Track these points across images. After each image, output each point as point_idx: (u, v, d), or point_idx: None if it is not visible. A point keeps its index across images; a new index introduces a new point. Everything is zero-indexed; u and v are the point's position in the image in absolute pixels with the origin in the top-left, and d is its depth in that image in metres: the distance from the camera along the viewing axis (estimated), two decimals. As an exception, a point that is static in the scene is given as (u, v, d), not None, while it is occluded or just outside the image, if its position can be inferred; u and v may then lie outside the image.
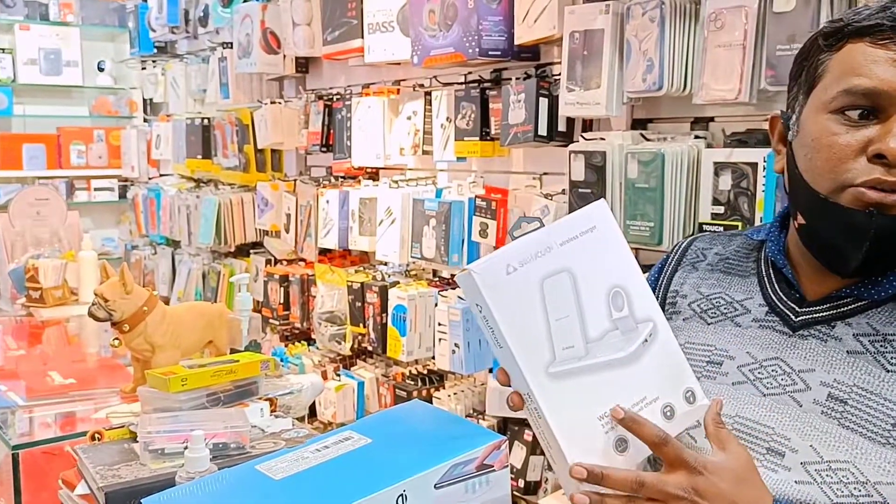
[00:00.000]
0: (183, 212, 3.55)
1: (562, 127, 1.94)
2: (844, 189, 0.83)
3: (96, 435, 1.39)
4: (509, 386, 0.78)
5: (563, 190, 1.90)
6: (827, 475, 0.83)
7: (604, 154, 1.74)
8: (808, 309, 0.91)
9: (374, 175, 2.75)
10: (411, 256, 2.40)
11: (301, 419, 1.63)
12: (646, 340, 0.79)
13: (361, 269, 2.67)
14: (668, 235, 1.64)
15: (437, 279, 2.48)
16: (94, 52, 4.55)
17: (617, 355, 0.77)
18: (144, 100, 4.36)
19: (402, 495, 0.77)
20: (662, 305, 1.06)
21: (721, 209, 1.58)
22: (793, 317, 0.91)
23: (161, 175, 4.04)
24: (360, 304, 2.53)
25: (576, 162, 1.80)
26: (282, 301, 2.95)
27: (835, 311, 0.89)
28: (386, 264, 2.62)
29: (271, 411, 1.51)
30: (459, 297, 2.21)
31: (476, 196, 2.20)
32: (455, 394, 2.31)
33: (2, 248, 2.72)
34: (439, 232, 2.28)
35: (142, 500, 0.76)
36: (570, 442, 0.73)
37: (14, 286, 2.58)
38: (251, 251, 3.30)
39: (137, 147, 4.12)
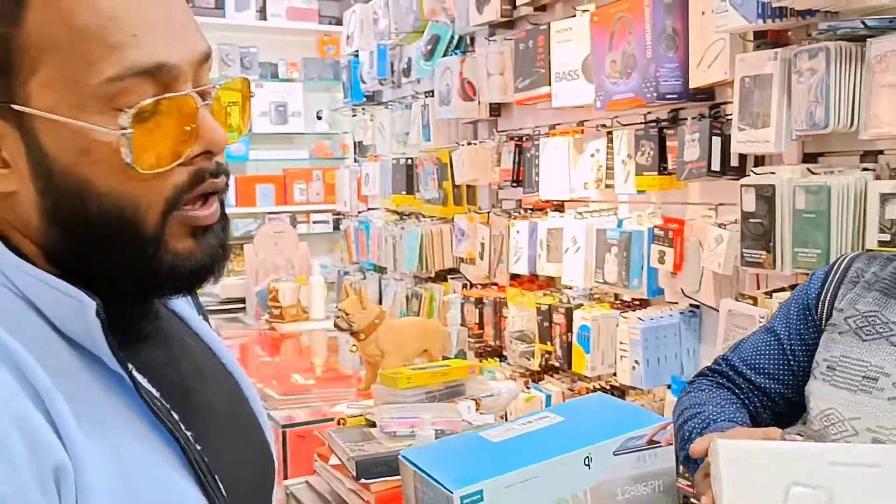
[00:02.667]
0: (389, 241, 4.00)
1: (734, 162, 2.11)
2: None
3: (341, 421, 1.75)
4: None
5: (736, 220, 2.07)
6: None
7: (773, 187, 1.90)
8: None
9: (559, 207, 3.01)
10: (595, 281, 2.63)
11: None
12: None
13: (549, 292, 2.93)
14: (835, 261, 1.77)
15: (618, 302, 2.69)
16: (314, 103, 5.21)
17: None
18: (355, 143, 4.91)
19: (588, 457, 1.02)
20: (826, 318, 1.19)
21: (887, 237, 1.69)
22: None
23: (369, 209, 4.54)
24: (547, 324, 2.80)
25: (747, 195, 1.97)
26: (477, 321, 3.27)
27: None
28: (571, 288, 2.87)
29: (476, 409, 1.81)
30: (639, 318, 2.41)
31: (654, 226, 2.40)
32: (636, 408, 2.50)
33: (248, 272, 3.26)
34: (620, 259, 2.50)
35: (402, 453, 1.07)
36: None
37: (258, 305, 3.10)
38: (449, 276, 3.66)
39: (349, 185, 4.65)
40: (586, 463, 1.02)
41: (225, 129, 0.68)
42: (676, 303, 2.44)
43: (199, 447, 0.70)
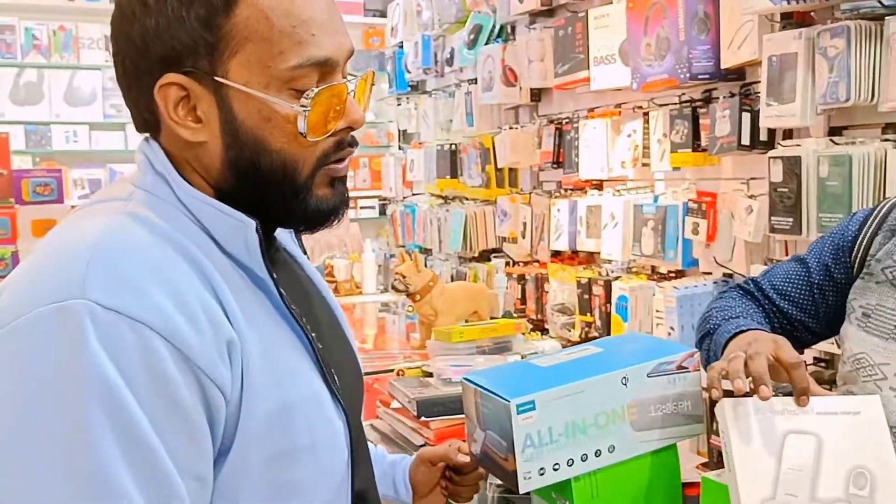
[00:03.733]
0: (434, 224, 4.18)
1: (763, 137, 2.25)
2: None
3: (400, 372, 1.94)
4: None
5: (765, 192, 2.21)
6: None
7: (799, 158, 2.04)
8: None
9: (598, 186, 3.16)
10: (632, 254, 2.78)
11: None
12: None
13: (589, 267, 3.09)
14: (856, 225, 1.90)
15: (655, 274, 2.84)
16: (360, 93, 5.40)
17: None
18: (400, 131, 5.10)
19: (625, 377, 1.19)
20: (861, 263, 1.26)
21: (905, 201, 1.82)
22: None
23: (414, 194, 4.73)
24: (587, 296, 2.96)
25: (775, 166, 2.11)
26: (519, 296, 3.44)
27: None
28: (610, 262, 3.02)
29: (523, 363, 1.98)
30: (675, 287, 2.56)
31: (688, 200, 2.54)
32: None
33: (307, 250, 3.47)
34: (656, 232, 2.65)
35: (464, 376, 1.25)
36: None
37: (315, 281, 3.31)
38: (492, 255, 3.83)
39: (394, 171, 4.85)
40: (623, 383, 1.18)
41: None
42: (710, 273, 2.58)
43: (320, 346, 0.89)
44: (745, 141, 2.24)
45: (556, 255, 3.36)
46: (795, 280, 1.36)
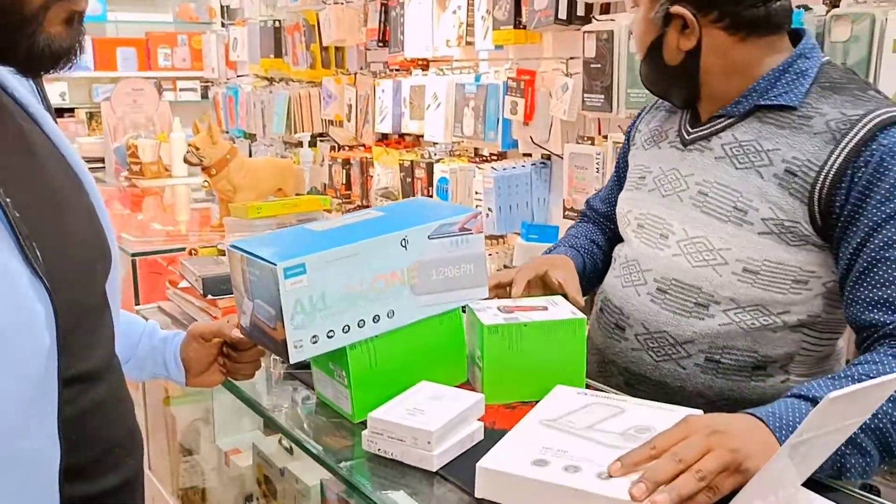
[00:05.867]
0: (258, 107, 3.93)
1: (580, 12, 2.20)
2: None
3: (192, 251, 1.79)
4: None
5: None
6: (689, 247, 1.16)
7: (612, 32, 2.00)
8: (695, 129, 1.21)
9: (425, 66, 3.05)
10: (454, 136, 2.72)
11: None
12: None
13: (412, 150, 3.00)
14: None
15: (477, 156, 2.80)
16: (176, -38, 4.92)
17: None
18: (222, 6, 4.72)
19: (404, 239, 1.11)
20: (629, 141, 1.38)
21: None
22: (686, 136, 1.22)
23: (239, 76, 4.42)
24: (409, 179, 2.88)
25: (588, 41, 2.07)
26: (344, 181, 3.32)
27: (712, 129, 1.18)
28: (434, 145, 2.95)
29: (328, 241, 1.88)
30: (493, 168, 2.53)
31: (508, 78, 2.48)
32: (490, 254, 2.65)
33: (106, 131, 3.15)
34: (477, 112, 2.59)
35: (229, 243, 1.13)
36: None
37: (117, 162, 3.02)
38: (318, 139, 3.67)
39: (217, 50, 4.50)
40: (403, 245, 1.11)
41: None
42: (530, 154, 2.57)
43: (17, 214, 0.74)
44: (563, 15, 2.19)
45: (384, 138, 3.25)
46: (611, 186, 1.45)
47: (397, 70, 3.11)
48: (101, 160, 3.34)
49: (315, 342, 1.06)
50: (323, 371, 1.18)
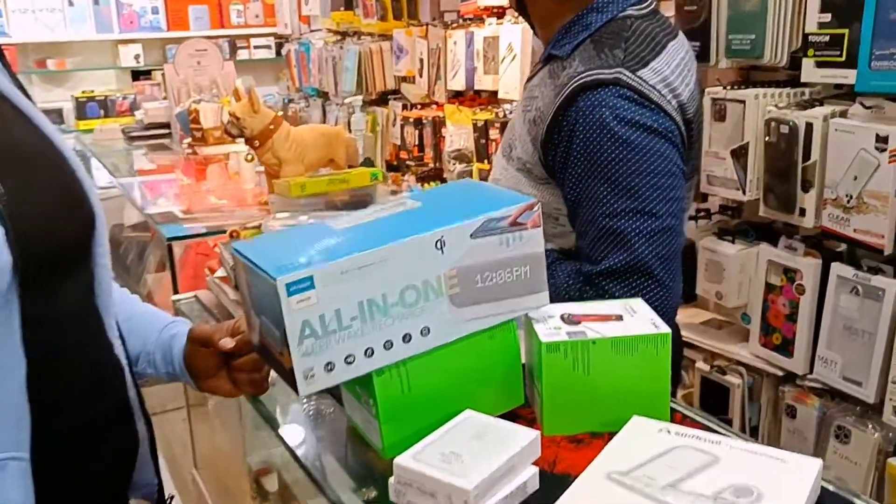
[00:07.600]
0: (329, 64, 3.75)
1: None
2: None
3: (233, 233, 1.62)
4: None
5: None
6: (495, 172, 1.31)
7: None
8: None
9: (500, 14, 2.77)
10: (531, 91, 2.45)
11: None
12: None
13: (487, 108, 2.75)
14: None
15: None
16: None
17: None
18: (294, -42, 4.53)
19: (440, 240, 0.90)
20: None
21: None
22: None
23: (312, 30, 4.24)
24: (484, 140, 2.64)
25: (683, -22, 1.76)
26: (416, 143, 3.11)
27: (533, 72, 1.26)
28: (510, 102, 2.69)
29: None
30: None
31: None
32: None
33: (170, 94, 3.04)
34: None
35: (233, 245, 0.94)
36: None
37: (181, 129, 2.90)
38: (390, 98, 3.46)
39: (289, 4, 4.32)
40: (438, 247, 0.90)
41: None
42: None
43: None
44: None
45: (458, 95, 3.00)
46: None
47: (470, 20, 2.85)
48: (167, 125, 3.24)
49: (331, 370, 0.87)
50: (351, 394, 0.99)
